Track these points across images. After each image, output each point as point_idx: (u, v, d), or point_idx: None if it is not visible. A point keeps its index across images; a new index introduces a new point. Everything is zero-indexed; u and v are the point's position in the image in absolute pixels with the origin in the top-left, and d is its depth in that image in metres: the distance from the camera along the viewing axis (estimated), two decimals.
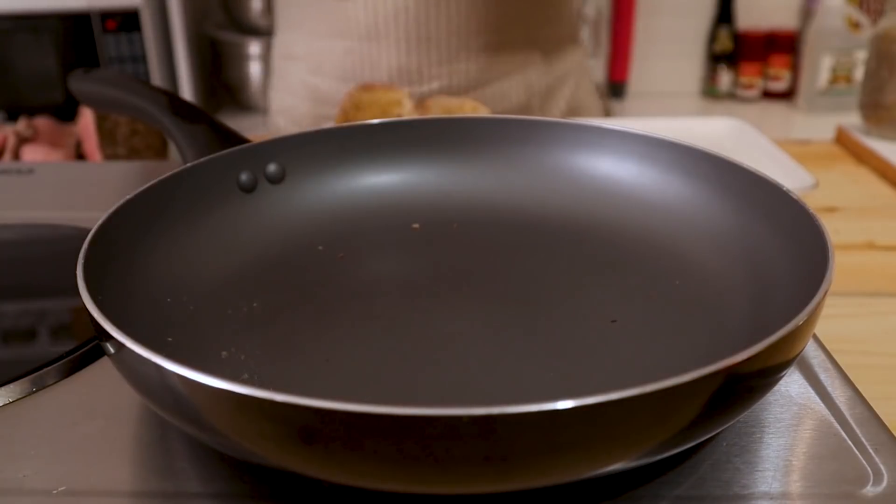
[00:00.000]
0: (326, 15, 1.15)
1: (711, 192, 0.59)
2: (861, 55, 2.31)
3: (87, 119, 1.07)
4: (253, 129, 1.13)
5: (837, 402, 0.46)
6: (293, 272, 0.58)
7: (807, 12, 2.56)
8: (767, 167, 0.60)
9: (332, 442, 0.33)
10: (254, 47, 2.31)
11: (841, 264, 0.48)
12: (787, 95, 2.64)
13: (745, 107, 2.61)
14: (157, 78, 2.21)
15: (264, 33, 2.33)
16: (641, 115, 2.19)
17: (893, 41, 1.08)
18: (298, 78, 1.23)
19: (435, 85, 1.15)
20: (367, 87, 1.10)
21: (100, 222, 0.50)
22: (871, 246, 0.82)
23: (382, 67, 1.15)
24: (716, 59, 2.64)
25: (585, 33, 2.57)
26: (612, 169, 0.65)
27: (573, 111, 1.28)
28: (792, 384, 0.48)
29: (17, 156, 1.07)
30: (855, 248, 0.81)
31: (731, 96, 2.68)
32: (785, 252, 0.50)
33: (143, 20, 2.14)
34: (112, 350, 0.40)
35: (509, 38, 1.17)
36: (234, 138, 0.66)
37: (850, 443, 0.43)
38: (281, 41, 1.27)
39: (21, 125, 1.10)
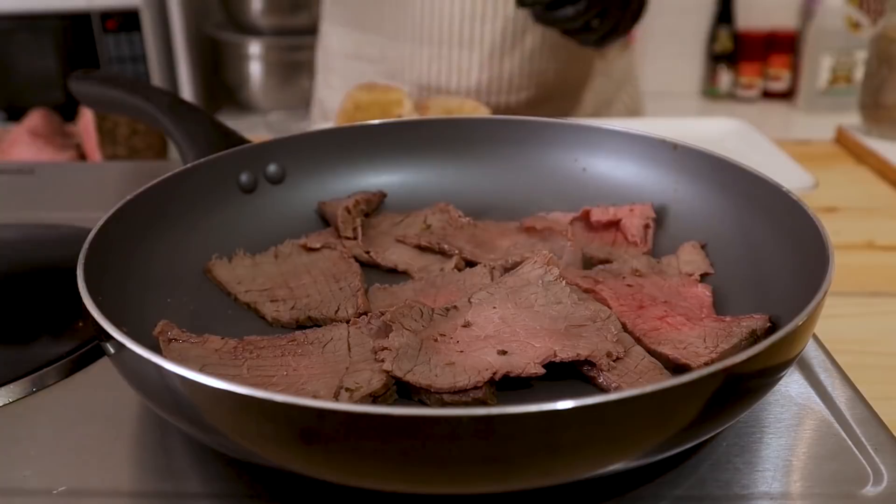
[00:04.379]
0: (411, 19, 1.10)
1: (711, 192, 0.59)
2: (861, 55, 2.31)
3: (87, 119, 1.07)
4: (253, 129, 1.12)
5: (837, 402, 0.46)
6: None
7: (807, 12, 2.56)
8: (767, 167, 0.59)
9: (332, 442, 0.33)
10: (254, 47, 2.31)
11: (841, 264, 0.48)
12: (787, 95, 2.64)
13: (745, 107, 2.61)
14: (157, 78, 2.21)
15: (264, 33, 2.33)
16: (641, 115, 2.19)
17: (893, 41, 1.08)
18: (368, 80, 1.16)
19: (523, 95, 1.12)
20: (367, 87, 1.09)
21: (100, 222, 0.50)
22: (871, 246, 0.82)
23: (472, 76, 1.10)
24: (716, 59, 2.64)
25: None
26: (612, 169, 0.65)
27: (630, 115, 1.27)
28: (792, 384, 0.48)
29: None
30: (855, 248, 0.81)
31: (731, 96, 2.68)
32: (785, 252, 0.50)
33: (143, 20, 2.14)
34: (112, 350, 0.40)
35: (584, 51, 1.15)
36: (234, 138, 0.66)
37: (850, 443, 0.43)
38: (343, 38, 1.21)
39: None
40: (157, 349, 0.45)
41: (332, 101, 1.26)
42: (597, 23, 0.92)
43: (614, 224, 0.61)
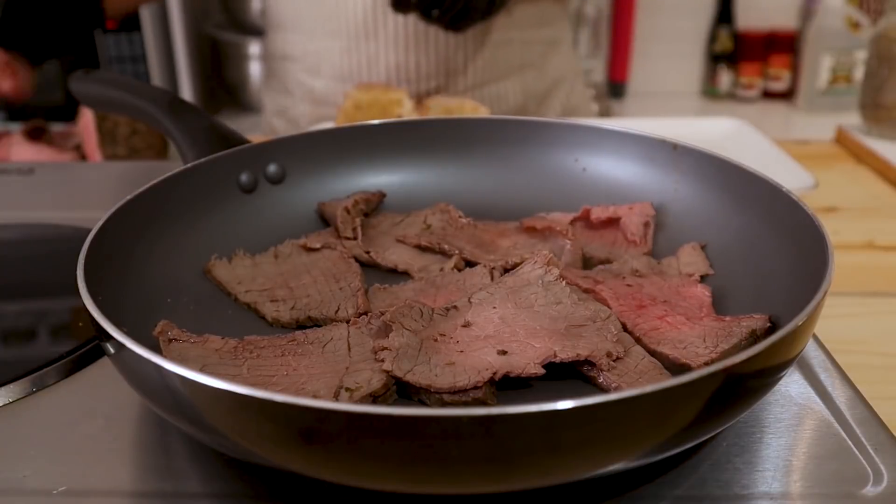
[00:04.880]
0: (322, 15, 1.15)
1: (712, 192, 0.59)
2: (861, 55, 2.31)
3: (87, 119, 1.07)
4: (253, 129, 1.12)
5: (837, 402, 0.46)
6: None
7: (807, 12, 2.56)
8: (767, 167, 0.60)
9: (332, 442, 0.33)
10: (254, 47, 2.31)
11: (841, 264, 0.48)
12: (787, 95, 2.65)
13: (745, 107, 2.61)
14: (157, 78, 2.21)
15: (264, 33, 2.33)
16: (641, 115, 2.19)
17: (893, 41, 1.08)
18: (294, 78, 1.23)
19: (433, 84, 1.15)
20: (367, 87, 1.10)
21: (100, 222, 0.50)
22: (871, 246, 0.82)
23: (381, 66, 1.14)
24: (716, 59, 2.64)
25: (585, 34, 2.57)
26: (612, 169, 0.65)
27: (567, 114, 1.29)
28: (792, 384, 0.48)
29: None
30: (855, 248, 0.81)
31: (731, 96, 2.68)
32: (785, 252, 0.50)
33: (143, 20, 2.14)
34: (112, 350, 0.40)
35: (505, 38, 1.17)
36: (234, 138, 0.66)
37: (850, 443, 0.43)
38: (274, 41, 1.27)
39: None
40: (157, 349, 0.45)
41: (272, 103, 1.30)
42: (436, 13, 0.94)
43: (614, 222, 0.61)
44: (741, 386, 0.37)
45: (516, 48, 1.19)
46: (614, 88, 2.70)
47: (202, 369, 0.44)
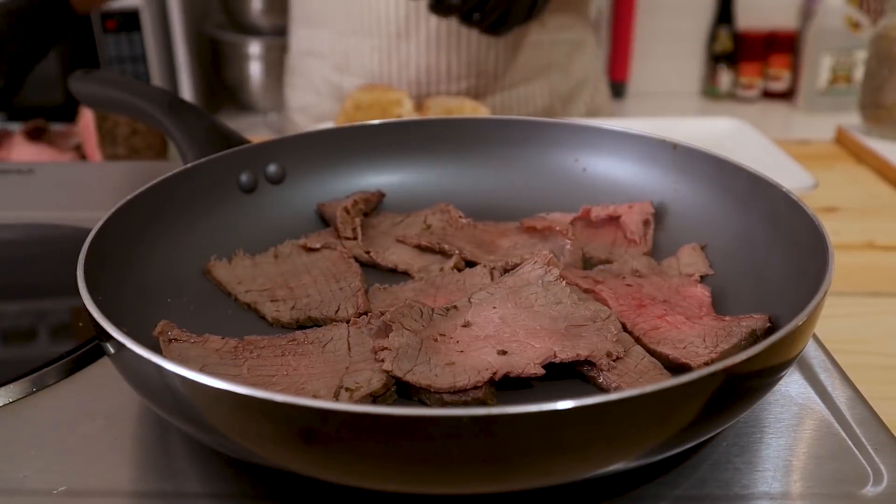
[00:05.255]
0: (353, 13, 1.13)
1: (712, 192, 0.59)
2: (861, 55, 2.31)
3: (87, 119, 1.07)
4: (253, 129, 1.13)
5: (837, 402, 0.46)
6: None
7: (807, 12, 2.55)
8: (767, 167, 0.60)
9: (332, 442, 0.33)
10: (254, 47, 2.31)
11: (841, 264, 0.48)
12: (787, 95, 2.64)
13: (745, 107, 2.60)
14: (157, 78, 2.21)
15: (264, 33, 2.33)
16: (641, 115, 2.19)
17: (893, 41, 1.08)
18: (321, 75, 1.21)
19: (463, 86, 1.14)
20: (367, 88, 1.10)
21: (100, 222, 0.50)
22: (871, 246, 0.82)
23: (412, 67, 1.13)
24: (716, 59, 2.64)
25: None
26: (612, 169, 0.65)
27: (592, 114, 1.28)
28: (792, 384, 0.48)
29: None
30: (855, 248, 0.81)
31: (731, 96, 2.68)
32: (785, 252, 0.50)
33: (143, 20, 2.14)
34: (112, 350, 0.40)
35: (535, 40, 1.16)
36: (234, 138, 0.66)
37: (850, 443, 0.43)
38: (302, 37, 1.25)
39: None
40: (157, 349, 0.45)
41: (296, 100, 1.29)
42: (478, 17, 0.93)
43: (614, 220, 0.61)
44: (741, 386, 0.37)
45: (545, 50, 1.19)
46: (614, 88, 2.70)
47: (202, 369, 0.44)
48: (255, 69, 2.36)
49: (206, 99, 2.42)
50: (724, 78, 2.67)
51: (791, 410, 0.46)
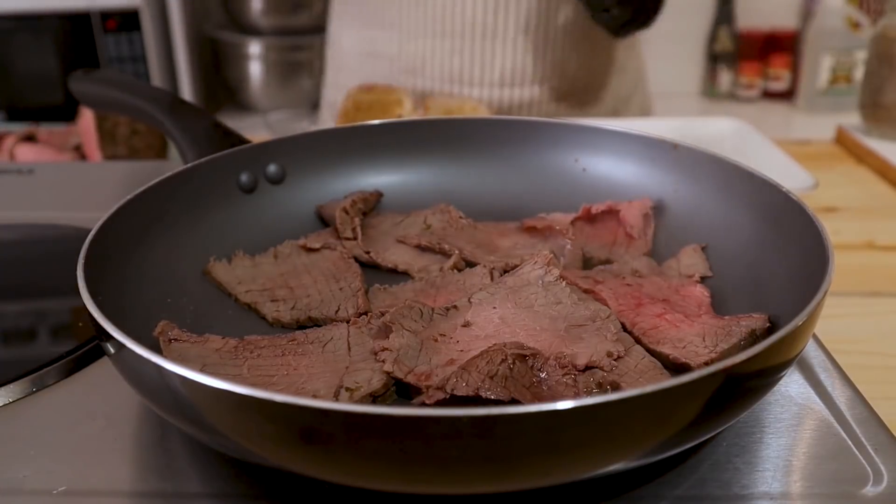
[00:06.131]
0: (432, 14, 1.10)
1: (711, 192, 0.59)
2: (861, 55, 2.31)
3: (87, 119, 1.07)
4: (253, 129, 1.12)
5: (837, 402, 0.46)
6: None
7: (807, 12, 2.56)
8: (767, 167, 0.60)
9: (332, 442, 0.33)
10: (254, 47, 2.31)
11: (841, 264, 0.48)
12: (787, 95, 2.64)
13: (745, 107, 2.61)
14: (157, 78, 2.21)
15: (264, 33, 2.33)
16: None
17: (893, 41, 1.08)
18: (384, 77, 1.17)
19: (546, 86, 1.12)
20: (367, 88, 1.10)
21: (100, 222, 0.50)
22: (871, 246, 0.82)
23: (495, 68, 1.10)
24: (716, 59, 2.64)
25: None
26: (612, 169, 0.65)
27: (644, 114, 1.27)
28: (792, 384, 0.48)
29: (12, 156, 1.07)
30: (855, 248, 0.81)
31: (731, 96, 2.68)
32: (785, 252, 0.50)
33: (143, 20, 2.14)
34: (112, 350, 0.40)
35: (608, 42, 1.15)
36: (234, 138, 0.66)
37: (850, 443, 0.43)
38: (358, 38, 1.20)
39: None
40: (157, 349, 0.45)
41: (338, 97, 1.25)
42: (617, 11, 0.92)
43: (613, 214, 0.61)
44: (741, 386, 0.37)
45: (618, 51, 1.18)
46: None
47: (202, 369, 0.44)
48: (255, 69, 2.36)
49: (206, 99, 2.42)
50: (724, 78, 2.67)
51: (791, 410, 0.46)
